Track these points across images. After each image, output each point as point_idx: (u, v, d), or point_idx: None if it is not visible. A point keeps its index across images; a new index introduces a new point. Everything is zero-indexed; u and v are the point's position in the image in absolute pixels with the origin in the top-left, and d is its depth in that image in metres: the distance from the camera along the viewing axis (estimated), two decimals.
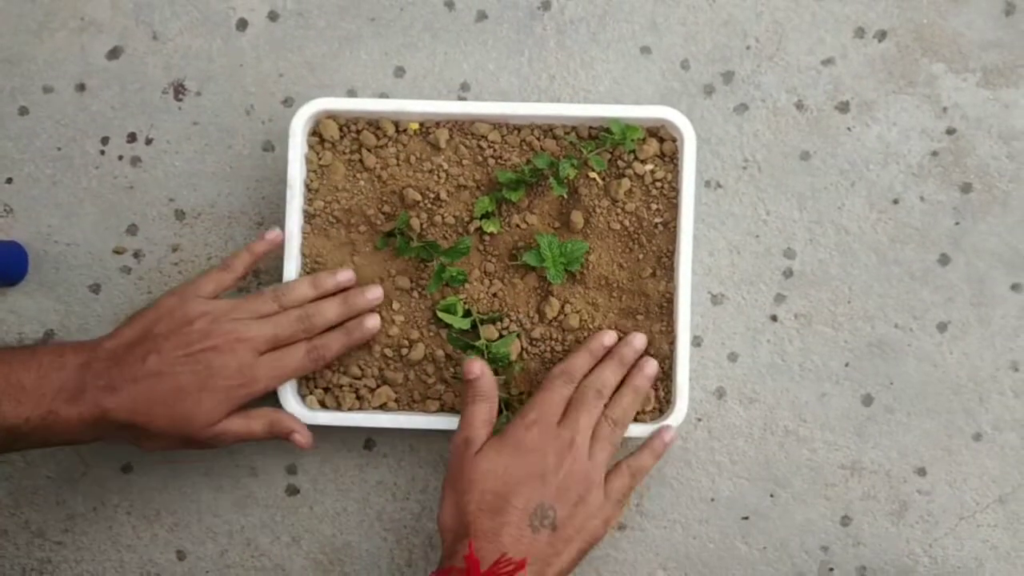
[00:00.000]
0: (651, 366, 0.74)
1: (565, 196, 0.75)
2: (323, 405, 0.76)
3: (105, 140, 0.81)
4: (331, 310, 0.73)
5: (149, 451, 0.71)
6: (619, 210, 0.75)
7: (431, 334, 0.76)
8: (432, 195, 0.76)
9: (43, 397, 0.65)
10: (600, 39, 0.79)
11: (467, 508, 0.66)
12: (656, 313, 0.75)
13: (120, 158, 0.81)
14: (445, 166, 0.76)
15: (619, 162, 0.75)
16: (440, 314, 0.75)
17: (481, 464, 0.67)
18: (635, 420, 0.75)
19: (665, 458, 0.79)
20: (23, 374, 0.65)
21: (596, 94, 0.79)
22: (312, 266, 0.76)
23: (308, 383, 0.76)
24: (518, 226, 0.76)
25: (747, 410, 0.79)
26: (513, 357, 0.74)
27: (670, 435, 0.73)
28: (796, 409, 0.79)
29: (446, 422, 0.74)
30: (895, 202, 0.78)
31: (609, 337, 0.74)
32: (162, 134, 0.81)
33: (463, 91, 0.80)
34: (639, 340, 0.74)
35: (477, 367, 0.70)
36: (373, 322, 0.74)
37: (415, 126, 0.76)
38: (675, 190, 0.75)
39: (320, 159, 0.76)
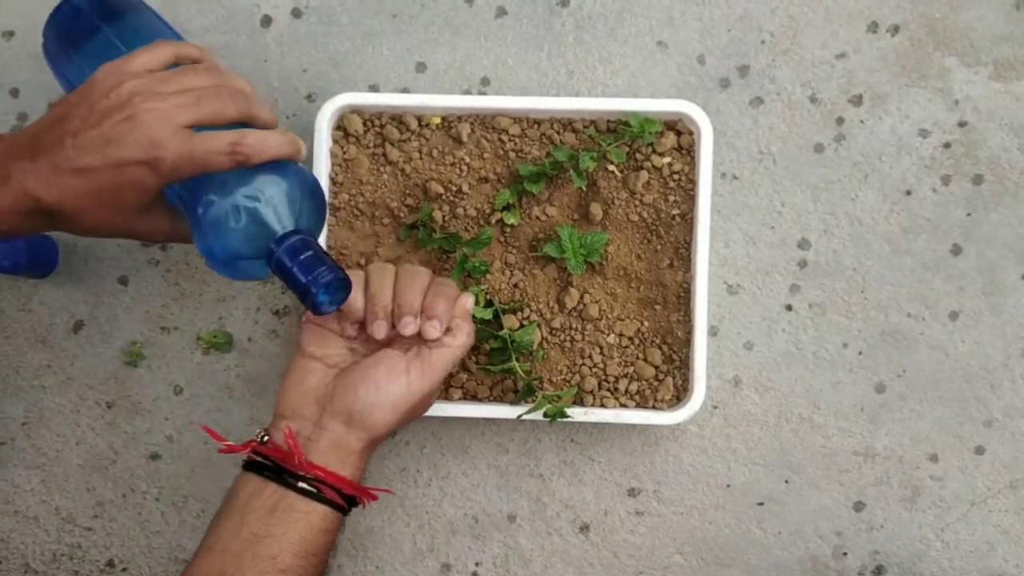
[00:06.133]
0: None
1: (584, 188, 0.77)
2: None
3: None
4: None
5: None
6: (637, 202, 0.77)
7: None
8: (454, 188, 0.77)
9: None
10: (617, 34, 0.81)
11: None
12: (673, 303, 0.77)
13: None
14: (467, 159, 0.77)
15: (637, 155, 0.76)
16: None
17: None
18: (653, 407, 0.76)
19: (682, 445, 0.80)
20: None
21: (614, 88, 0.80)
22: (337, 257, 0.77)
23: None
24: (538, 218, 0.77)
25: (762, 398, 0.80)
26: (535, 346, 0.76)
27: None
28: (810, 397, 0.80)
29: (468, 410, 0.76)
30: (908, 193, 0.80)
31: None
32: None
33: (483, 86, 0.81)
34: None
35: None
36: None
37: (437, 120, 0.77)
38: (692, 182, 0.76)
39: (344, 153, 0.77)
